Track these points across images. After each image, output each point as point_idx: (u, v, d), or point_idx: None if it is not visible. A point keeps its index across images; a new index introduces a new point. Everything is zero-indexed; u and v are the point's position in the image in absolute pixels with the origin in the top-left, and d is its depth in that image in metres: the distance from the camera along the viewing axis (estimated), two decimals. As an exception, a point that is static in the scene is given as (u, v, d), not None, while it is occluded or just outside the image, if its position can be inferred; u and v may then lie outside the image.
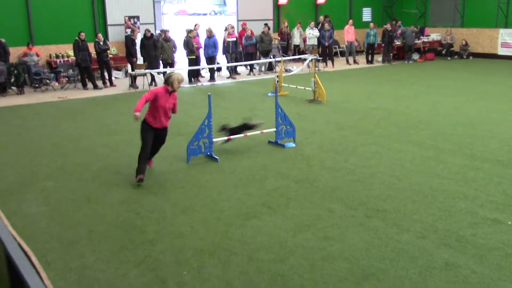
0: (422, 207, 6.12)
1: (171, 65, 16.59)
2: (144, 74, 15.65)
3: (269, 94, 13.79)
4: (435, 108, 11.98)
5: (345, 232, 5.51)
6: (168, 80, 7.05)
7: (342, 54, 22.93)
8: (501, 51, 22.49)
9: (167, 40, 16.54)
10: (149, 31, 16.44)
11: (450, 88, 15.07)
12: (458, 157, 8.07)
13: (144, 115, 7.19)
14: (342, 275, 4.62)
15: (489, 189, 6.65)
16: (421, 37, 23.59)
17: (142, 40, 16.32)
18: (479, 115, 11.18)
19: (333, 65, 20.63)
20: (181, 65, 18.39)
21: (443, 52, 23.33)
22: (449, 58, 22.96)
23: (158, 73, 15.91)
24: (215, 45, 17.16)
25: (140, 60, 16.61)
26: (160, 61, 16.72)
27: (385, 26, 22.12)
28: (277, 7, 22.93)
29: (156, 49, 16.24)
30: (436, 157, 8.10)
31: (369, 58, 21.63)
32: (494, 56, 22.56)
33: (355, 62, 21.57)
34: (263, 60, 18.77)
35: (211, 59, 17.20)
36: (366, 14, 26.03)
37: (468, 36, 23.40)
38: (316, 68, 16.23)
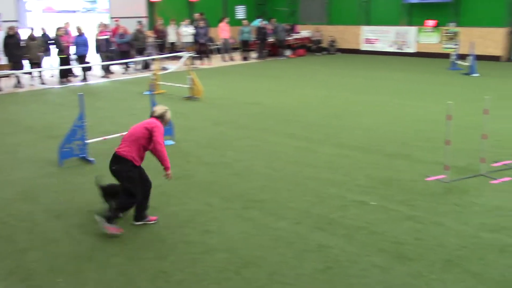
0: (296, 195, 6.44)
1: (38, 65, 15.64)
2: (8, 76, 14.58)
3: (145, 93, 13.57)
4: (306, 101, 12.61)
5: (224, 224, 5.63)
6: (164, 117, 5.77)
7: (218, 51, 23.21)
8: (364, 47, 24.22)
9: (33, 39, 15.56)
10: (13, 29, 15.34)
11: (319, 82, 15.96)
12: (327, 147, 8.59)
13: (128, 155, 5.36)
14: (222, 265, 4.73)
15: (355, 174, 7.18)
16: (292, 34, 24.63)
17: (5, 39, 15.17)
18: (346, 106, 11.97)
19: (209, 62, 20.81)
20: (50, 64, 17.40)
21: (313, 48, 24.57)
22: (318, 54, 24.23)
23: (25, 73, 14.94)
24: (85, 44, 16.48)
25: (3, 61, 15.45)
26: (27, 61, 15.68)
27: (259, 24, 22.79)
28: (150, 4, 22.59)
29: (20, 49, 15.21)
30: (308, 147, 8.55)
31: (244, 55, 22.12)
32: (358, 52, 24.25)
33: (231, 59, 21.94)
34: (138, 58, 18.40)
35: (81, 58, 16.50)
36: (240, 12, 26.58)
37: (335, 33, 24.86)
38: (193, 66, 16.27)
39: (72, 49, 16.47)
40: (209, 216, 5.84)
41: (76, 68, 17.04)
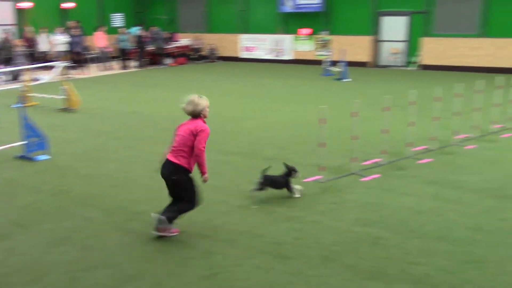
0: (179, 203, 6.40)
1: None
2: None
3: (14, 106, 12.69)
4: (188, 110, 12.61)
5: (105, 239, 5.45)
6: (203, 111, 5.54)
7: (95, 60, 22.41)
8: (243, 55, 24.79)
9: None
10: None
11: (201, 89, 16.01)
12: (212, 153, 8.58)
13: (187, 166, 5.36)
14: (104, 282, 4.57)
15: (238, 179, 7.31)
16: (172, 42, 24.51)
17: None
18: (227, 113, 12.16)
19: (85, 71, 20.01)
20: None
21: (194, 56, 24.64)
22: (199, 62, 24.35)
23: None
24: None
25: None
26: None
27: (138, 32, 22.36)
28: (19, 11, 21.21)
29: None
30: (191, 155, 8.55)
31: (123, 64, 21.59)
32: (238, 59, 24.76)
33: (109, 68, 21.28)
34: (5, 69, 17.15)
35: None
36: (117, 20, 25.90)
37: (215, 41, 25.17)
38: (68, 76, 15.54)
39: None
40: (89, 232, 5.61)
41: None
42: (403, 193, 6.69)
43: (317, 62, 21.65)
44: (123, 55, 21.63)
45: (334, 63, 19.42)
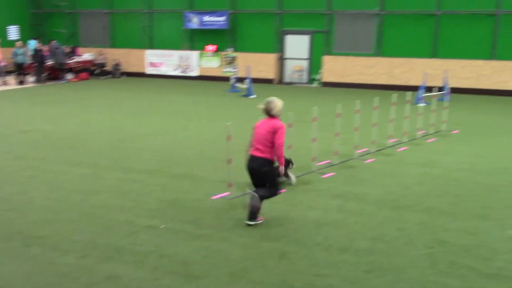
0: (82, 226, 6.13)
1: None
2: None
3: None
4: (90, 126, 12.17)
5: (2, 266, 5.07)
6: (278, 111, 6.41)
7: (-12, 74, 21.03)
8: (149, 70, 24.43)
9: None
10: None
11: (104, 106, 15.55)
12: (115, 172, 8.39)
13: (269, 156, 6.20)
14: (-3, 314, 4.24)
15: (144, 198, 7.14)
16: (74, 57, 23.61)
17: None
18: (133, 129, 11.88)
19: (-23, 87, 18.71)
20: None
21: (97, 71, 23.89)
22: (102, 77, 23.63)
23: None
24: None
25: None
26: None
27: (36, 45, 21.30)
28: None
29: None
30: (95, 174, 8.24)
31: (20, 79, 20.43)
32: (144, 75, 24.36)
33: (4, 83, 20.04)
34: None
35: None
36: (13, 33, 24.52)
37: (120, 56, 24.58)
38: (-44, 91, 14.39)
39: None
40: (-20, 260, 5.20)
41: None
42: (309, 207, 6.88)
43: (224, 79, 21.86)
44: (19, 70, 20.48)
45: (240, 79, 19.69)
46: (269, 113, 6.29)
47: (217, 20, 22.71)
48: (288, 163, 7.74)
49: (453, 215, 6.57)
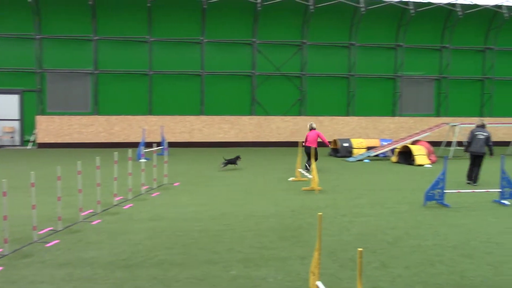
0: None
1: None
2: None
3: None
4: None
5: None
6: (314, 127, 15.86)
7: None
8: None
9: None
10: None
11: None
12: None
13: (315, 145, 15.41)
14: None
15: None
16: None
17: None
18: None
19: None
20: None
21: None
22: None
23: None
24: None
25: None
26: None
27: None
28: None
29: None
30: None
31: None
32: None
33: None
34: None
35: None
36: None
37: None
38: None
39: None
40: None
41: None
42: (33, 281, 6.22)
43: None
44: None
45: None
46: (312, 128, 15.00)
47: None
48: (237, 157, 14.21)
49: (184, 265, 6.81)
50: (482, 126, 13.68)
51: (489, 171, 15.37)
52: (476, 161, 13.50)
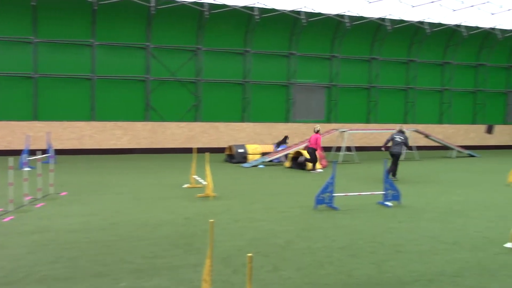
0: None
1: None
2: None
3: None
4: None
5: None
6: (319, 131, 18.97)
7: None
8: None
9: None
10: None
11: None
12: None
13: (315, 147, 18.31)
14: None
15: None
16: None
17: None
18: None
19: None
20: None
21: None
22: None
23: None
24: None
25: None
26: None
27: None
28: None
29: None
30: None
31: None
32: None
33: None
34: None
35: None
36: None
37: None
38: None
39: None
40: None
41: None
42: None
43: None
44: None
45: None
46: (315, 131, 17.93)
47: None
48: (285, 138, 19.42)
49: (70, 280, 6.42)
50: (400, 132, 16.45)
51: (376, 175, 16.23)
52: (394, 159, 16.18)
